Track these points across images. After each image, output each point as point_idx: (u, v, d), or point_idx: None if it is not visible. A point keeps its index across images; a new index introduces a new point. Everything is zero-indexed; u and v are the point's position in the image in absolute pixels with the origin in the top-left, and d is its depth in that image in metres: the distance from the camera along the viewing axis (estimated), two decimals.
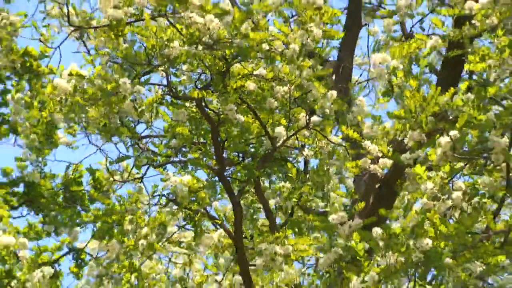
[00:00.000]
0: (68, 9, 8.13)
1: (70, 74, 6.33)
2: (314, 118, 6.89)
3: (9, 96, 9.29)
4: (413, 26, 9.14)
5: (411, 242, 5.82)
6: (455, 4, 6.28)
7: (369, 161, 6.67)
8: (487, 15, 5.85)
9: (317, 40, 6.35)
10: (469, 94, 6.14)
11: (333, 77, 8.72)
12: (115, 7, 6.03)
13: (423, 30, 9.03)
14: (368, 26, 9.94)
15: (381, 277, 5.79)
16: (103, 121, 6.59)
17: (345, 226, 6.37)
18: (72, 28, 7.86)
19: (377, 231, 5.99)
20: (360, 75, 10.86)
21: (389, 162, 6.72)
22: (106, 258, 7.86)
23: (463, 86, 6.37)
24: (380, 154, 6.76)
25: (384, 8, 10.28)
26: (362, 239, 6.03)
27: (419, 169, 6.09)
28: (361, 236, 6.12)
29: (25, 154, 10.00)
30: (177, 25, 6.08)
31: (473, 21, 6.06)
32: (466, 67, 6.32)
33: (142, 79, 6.43)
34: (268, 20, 6.41)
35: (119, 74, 6.27)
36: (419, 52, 6.58)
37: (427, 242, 5.71)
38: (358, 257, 5.88)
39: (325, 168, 7.64)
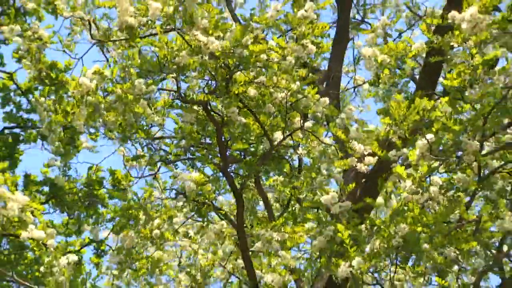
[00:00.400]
0: (90, 25, 8.19)
1: (95, 73, 6.38)
2: (307, 124, 6.91)
3: (33, 99, 9.32)
4: (394, 40, 9.19)
5: (391, 229, 5.87)
6: (432, 17, 6.30)
7: (356, 159, 6.70)
8: (465, 38, 5.88)
9: (309, 54, 6.38)
10: (446, 107, 6.18)
11: (324, 84, 8.77)
12: (131, 16, 6.06)
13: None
14: (354, 39, 10.03)
15: (366, 261, 5.84)
16: (120, 120, 6.63)
17: (336, 206, 6.43)
18: (93, 41, 7.94)
19: (362, 227, 6.06)
20: (348, 82, 10.94)
21: (373, 160, 6.75)
22: (125, 247, 7.87)
23: (444, 99, 6.38)
24: (365, 153, 6.79)
25: (368, 23, 10.38)
26: (348, 227, 6.09)
27: (399, 168, 6.14)
28: (351, 217, 6.21)
29: (52, 160, 10.07)
30: (186, 37, 6.11)
31: (451, 38, 6.08)
32: (445, 83, 6.33)
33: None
34: (266, 34, 6.46)
35: (134, 77, 6.35)
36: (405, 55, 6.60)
37: (404, 226, 5.76)
38: (344, 245, 5.92)
39: (316, 166, 7.66)
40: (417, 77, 8.01)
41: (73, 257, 6.84)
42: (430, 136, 5.99)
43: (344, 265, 5.81)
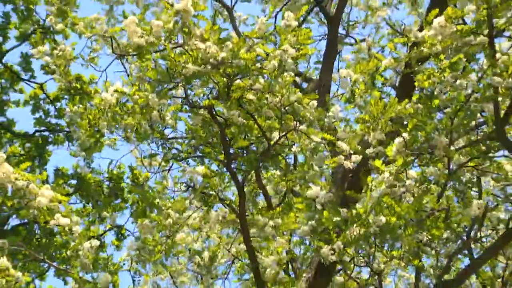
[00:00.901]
0: (112, 41, 8.31)
1: (115, 91, 6.56)
2: (301, 127, 6.97)
3: (67, 109, 9.44)
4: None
5: (370, 219, 5.93)
6: (407, 34, 6.37)
7: (343, 157, 6.72)
8: (433, 43, 5.94)
9: (293, 57, 6.40)
10: (418, 104, 6.25)
11: (316, 92, 8.81)
12: (140, 36, 6.18)
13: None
14: (341, 53, 10.10)
15: (345, 244, 5.91)
16: (136, 125, 6.75)
17: (320, 198, 6.50)
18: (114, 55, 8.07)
19: (343, 210, 6.13)
20: (337, 90, 10.98)
21: (358, 158, 6.79)
22: (142, 234, 7.92)
23: (414, 97, 6.45)
24: (352, 152, 6.82)
25: (352, 37, 10.46)
26: (333, 215, 6.15)
27: (377, 162, 6.20)
28: (334, 211, 6.25)
29: (77, 152, 10.21)
30: (187, 46, 6.22)
31: (421, 48, 6.15)
32: (416, 84, 6.41)
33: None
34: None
35: (150, 90, 6.47)
36: (377, 70, 6.66)
37: (382, 218, 5.82)
38: (328, 231, 6.00)
39: (310, 163, 7.69)
40: None
41: (95, 242, 6.91)
42: (405, 134, 6.07)
43: (326, 248, 5.89)
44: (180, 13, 6.09)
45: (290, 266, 7.95)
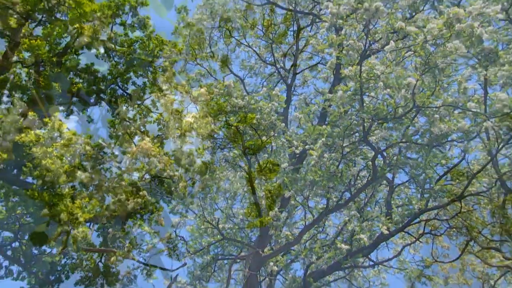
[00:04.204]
0: (189, 94, 8.15)
1: (192, 117, 6.47)
2: (275, 134, 6.91)
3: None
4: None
5: (307, 178, 5.88)
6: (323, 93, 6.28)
7: (294, 148, 6.67)
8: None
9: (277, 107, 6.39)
10: (325, 126, 6.16)
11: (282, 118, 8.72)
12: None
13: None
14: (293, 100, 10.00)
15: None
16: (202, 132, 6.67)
17: (287, 168, 6.46)
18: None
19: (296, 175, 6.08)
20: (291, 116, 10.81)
21: (300, 148, 6.70)
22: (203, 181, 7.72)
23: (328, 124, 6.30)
24: (298, 145, 6.75)
25: (297, 91, 10.31)
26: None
27: (312, 152, 6.15)
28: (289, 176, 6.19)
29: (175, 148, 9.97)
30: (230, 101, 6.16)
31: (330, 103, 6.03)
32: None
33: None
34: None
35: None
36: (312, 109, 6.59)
37: (311, 177, 5.78)
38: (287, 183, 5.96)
39: (279, 151, 7.60)
40: None
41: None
42: (323, 139, 6.01)
43: (286, 192, 5.87)
44: (227, 86, 6.03)
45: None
